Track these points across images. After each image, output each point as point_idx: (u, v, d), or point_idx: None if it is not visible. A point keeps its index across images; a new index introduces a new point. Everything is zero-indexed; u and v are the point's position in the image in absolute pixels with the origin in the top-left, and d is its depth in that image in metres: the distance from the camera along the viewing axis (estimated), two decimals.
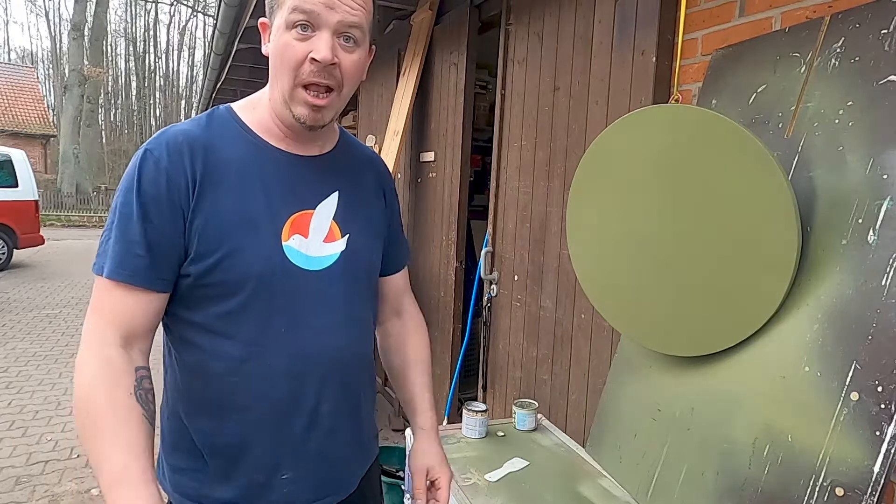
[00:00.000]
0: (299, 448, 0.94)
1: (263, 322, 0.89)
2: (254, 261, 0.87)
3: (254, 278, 0.87)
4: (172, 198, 0.84)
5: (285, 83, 0.88)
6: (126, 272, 0.83)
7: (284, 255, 0.90)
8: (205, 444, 0.92)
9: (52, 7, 42.75)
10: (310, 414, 0.94)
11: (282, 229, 0.90)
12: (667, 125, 1.30)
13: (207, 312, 0.88)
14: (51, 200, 18.52)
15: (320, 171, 0.97)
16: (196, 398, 0.91)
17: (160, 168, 0.84)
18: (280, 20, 0.86)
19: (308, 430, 0.94)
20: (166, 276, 0.86)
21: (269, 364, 0.90)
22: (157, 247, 0.84)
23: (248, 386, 0.90)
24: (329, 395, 0.95)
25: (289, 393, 0.92)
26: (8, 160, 8.35)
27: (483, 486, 1.43)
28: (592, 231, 1.51)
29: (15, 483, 2.83)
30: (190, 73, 36.96)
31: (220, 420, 0.91)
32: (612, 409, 1.53)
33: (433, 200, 3.14)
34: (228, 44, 4.71)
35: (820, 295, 1.08)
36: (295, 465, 0.94)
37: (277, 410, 0.91)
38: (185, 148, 0.86)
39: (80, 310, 6.51)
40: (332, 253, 0.95)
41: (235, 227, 0.87)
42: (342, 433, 0.99)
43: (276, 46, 0.87)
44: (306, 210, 0.93)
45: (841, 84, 1.13)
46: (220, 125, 0.93)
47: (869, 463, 0.93)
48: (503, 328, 2.47)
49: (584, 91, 1.97)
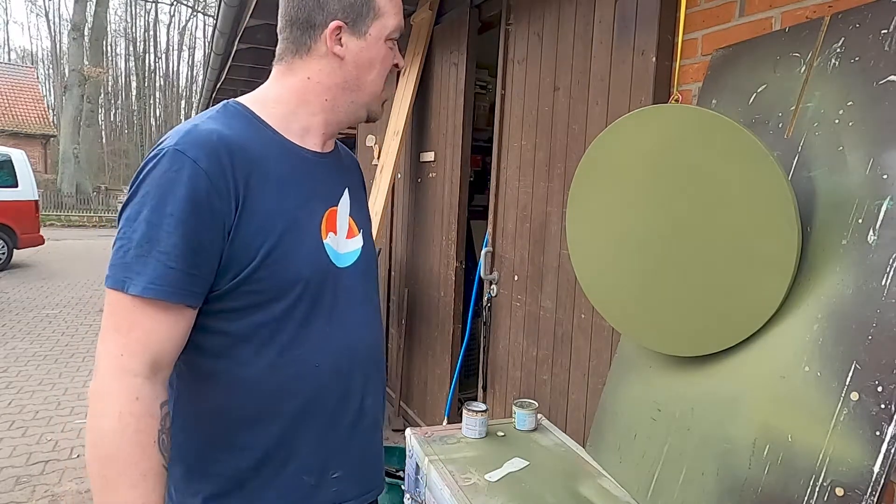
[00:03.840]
0: (346, 445, 0.94)
1: (309, 323, 0.88)
2: (303, 262, 0.87)
3: (303, 279, 0.86)
4: (213, 205, 0.78)
5: (377, 87, 0.96)
6: (162, 288, 0.76)
7: (325, 254, 0.90)
8: (249, 457, 0.88)
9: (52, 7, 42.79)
10: (356, 410, 0.95)
11: (320, 227, 0.91)
12: (667, 125, 1.30)
13: (249, 321, 0.84)
14: (51, 200, 18.53)
15: (333, 168, 0.99)
16: (232, 414, 0.87)
17: (197, 171, 0.78)
18: (378, 32, 0.92)
19: (354, 425, 0.95)
20: (202, 289, 0.81)
21: (314, 364, 0.89)
22: (197, 259, 0.78)
23: (294, 391, 0.88)
24: (371, 389, 0.97)
25: (336, 391, 0.92)
26: (8, 160, 8.35)
27: (483, 486, 1.43)
28: (592, 231, 1.51)
29: (15, 483, 2.83)
30: (190, 73, 36.98)
31: (263, 430, 0.87)
32: (612, 409, 1.53)
33: (433, 200, 3.14)
34: (228, 44, 4.71)
35: (820, 295, 1.08)
36: (343, 463, 0.94)
37: (325, 412, 0.91)
38: (222, 149, 0.81)
39: (80, 310, 6.51)
40: (355, 248, 0.97)
41: (281, 229, 0.85)
42: (380, 426, 1.02)
43: (374, 56, 0.94)
44: (333, 207, 0.95)
45: (841, 84, 1.13)
46: (243, 124, 0.88)
47: (869, 463, 0.93)
48: (503, 328, 2.47)
49: (584, 91, 1.97)
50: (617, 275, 1.45)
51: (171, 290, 0.77)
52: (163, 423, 0.78)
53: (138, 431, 0.75)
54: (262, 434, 0.88)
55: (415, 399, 3.45)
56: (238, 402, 0.86)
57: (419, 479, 1.59)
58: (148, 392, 0.76)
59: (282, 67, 0.94)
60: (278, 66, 0.95)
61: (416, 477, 1.61)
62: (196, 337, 0.84)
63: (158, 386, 0.79)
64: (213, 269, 0.81)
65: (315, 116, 0.94)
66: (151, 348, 0.77)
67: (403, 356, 3.53)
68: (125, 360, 0.76)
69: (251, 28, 4.01)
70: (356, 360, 0.94)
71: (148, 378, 0.77)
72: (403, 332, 3.49)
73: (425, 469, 1.54)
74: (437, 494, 1.45)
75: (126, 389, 0.75)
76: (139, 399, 0.75)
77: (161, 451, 0.77)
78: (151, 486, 0.75)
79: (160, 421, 0.78)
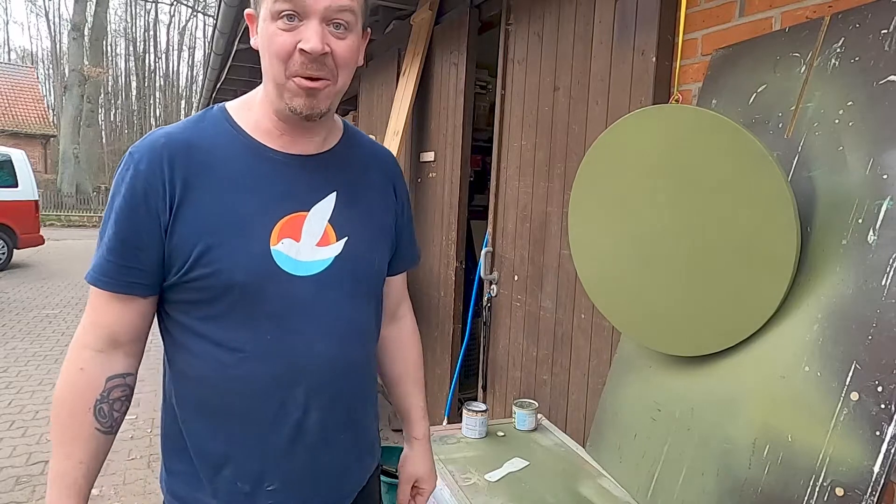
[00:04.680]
0: (285, 459, 0.90)
1: (250, 328, 0.86)
2: (237, 265, 0.84)
3: (238, 283, 0.84)
4: (149, 203, 0.82)
5: (277, 76, 0.83)
6: (103, 279, 0.84)
7: (272, 260, 0.85)
8: (194, 448, 0.90)
9: (52, 7, 42.74)
10: (296, 425, 0.90)
11: (270, 232, 0.86)
12: (667, 125, 1.30)
13: (195, 316, 0.87)
14: (51, 200, 18.53)
15: (318, 170, 0.92)
16: (188, 401, 0.90)
17: (138, 173, 0.83)
18: (265, 10, 0.82)
19: (294, 441, 0.90)
20: (145, 281, 0.85)
21: (254, 371, 0.87)
22: (134, 253, 0.83)
23: (233, 392, 0.87)
24: (318, 407, 0.91)
25: (274, 402, 0.88)
26: (8, 160, 8.35)
27: (483, 486, 1.43)
28: (594, 231, 1.51)
29: (15, 483, 2.83)
30: (190, 73, 36.97)
31: (208, 425, 0.89)
32: (612, 408, 1.53)
33: (433, 200, 3.14)
34: (228, 44, 4.71)
35: (820, 295, 1.08)
36: (281, 477, 0.91)
37: (261, 419, 0.88)
38: (164, 151, 0.84)
39: (80, 310, 6.51)
40: (326, 257, 0.90)
41: (220, 230, 0.84)
42: (335, 446, 0.95)
43: (263, 39, 0.84)
44: (299, 212, 0.89)
45: (841, 84, 1.13)
46: (211, 125, 0.90)
47: (869, 463, 0.93)
48: (503, 328, 2.47)
49: (584, 91, 1.97)
50: (618, 274, 1.45)
51: (106, 280, 0.84)
52: (106, 394, 0.87)
53: (74, 398, 0.85)
54: (204, 427, 0.89)
55: None
56: (189, 391, 0.90)
57: None
58: (95, 364, 0.86)
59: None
60: None
61: None
62: (165, 323, 0.91)
63: (115, 359, 0.87)
64: (155, 262, 0.85)
65: (267, 116, 0.91)
66: (105, 328, 0.86)
67: None
68: (82, 334, 0.87)
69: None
70: (302, 372, 0.88)
71: (101, 351, 0.86)
72: None
73: None
74: (437, 494, 1.45)
75: (74, 360, 0.86)
76: (83, 370, 0.86)
77: (96, 417, 0.86)
78: (81, 445, 0.85)
79: (102, 392, 0.86)
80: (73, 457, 0.85)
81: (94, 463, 0.87)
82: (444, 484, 1.42)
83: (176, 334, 0.90)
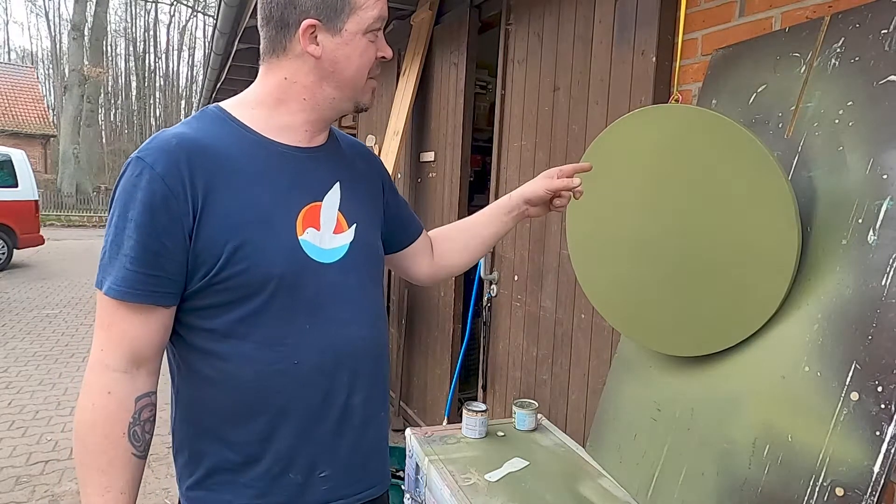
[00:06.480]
0: (333, 444, 0.93)
1: (287, 320, 0.87)
2: (274, 259, 0.85)
3: (276, 277, 0.85)
4: (171, 208, 0.81)
5: (359, 82, 0.93)
6: (122, 289, 0.80)
7: (302, 250, 0.89)
8: (239, 453, 0.89)
9: (52, 7, 42.59)
10: (342, 408, 0.93)
11: (295, 223, 0.89)
12: (666, 125, 1.30)
13: (226, 318, 0.86)
14: (51, 200, 18.54)
15: (322, 161, 0.96)
16: (222, 409, 0.88)
17: (154, 176, 0.80)
18: (356, 27, 0.89)
19: (340, 424, 0.93)
20: (170, 289, 0.83)
21: (297, 363, 0.88)
22: (158, 260, 0.81)
23: (276, 388, 0.88)
24: (361, 387, 0.95)
25: (319, 390, 0.90)
26: (8, 160, 8.36)
27: (483, 486, 1.43)
28: (592, 231, 1.51)
29: (15, 483, 2.83)
30: (190, 73, 36.97)
31: (251, 427, 0.88)
32: (612, 409, 1.53)
33: (433, 200, 3.14)
34: (228, 44, 4.72)
35: (820, 295, 1.08)
36: (331, 462, 0.93)
37: (308, 409, 0.90)
38: (180, 153, 0.83)
39: (80, 310, 6.52)
40: (343, 244, 0.94)
41: (249, 226, 0.85)
42: (376, 424, 1.00)
43: (352, 52, 0.90)
44: (315, 202, 0.93)
45: (841, 84, 1.13)
46: (214, 124, 0.90)
47: (869, 463, 0.93)
48: (503, 328, 2.47)
49: (584, 91, 1.97)
50: (617, 275, 1.45)
51: (132, 291, 0.81)
52: (137, 415, 0.83)
53: (107, 423, 0.81)
54: (246, 430, 0.89)
55: (415, 399, 3.45)
56: (222, 397, 0.88)
57: (419, 479, 1.59)
58: (123, 386, 0.82)
59: (264, 67, 0.94)
60: (262, 64, 0.95)
61: (416, 477, 1.61)
62: (183, 333, 0.88)
63: (139, 379, 0.84)
64: (179, 269, 0.83)
65: (294, 115, 0.93)
66: (128, 344, 0.83)
67: (403, 356, 3.53)
68: (104, 354, 0.82)
69: (251, 28, 4.01)
70: (342, 357, 0.92)
71: (125, 372, 0.83)
72: (403, 333, 3.49)
73: (425, 469, 1.54)
74: (437, 494, 1.45)
75: (100, 383, 0.82)
76: (111, 393, 0.82)
77: (131, 442, 0.83)
78: (118, 472, 0.82)
79: (133, 414, 0.83)
80: (113, 488, 0.81)
81: (134, 493, 0.84)
82: (444, 484, 1.42)
83: (198, 342, 0.88)
